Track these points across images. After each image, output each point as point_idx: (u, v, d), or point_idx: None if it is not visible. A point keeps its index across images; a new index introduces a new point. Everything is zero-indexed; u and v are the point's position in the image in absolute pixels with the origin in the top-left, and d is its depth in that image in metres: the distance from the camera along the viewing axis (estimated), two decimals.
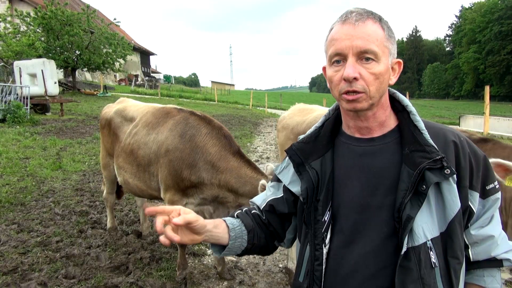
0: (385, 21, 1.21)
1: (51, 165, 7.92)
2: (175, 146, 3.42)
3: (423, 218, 1.14)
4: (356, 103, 1.18)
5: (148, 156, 3.62)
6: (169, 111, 3.77)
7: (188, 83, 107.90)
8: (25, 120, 12.86)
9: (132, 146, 3.78)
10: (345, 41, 1.16)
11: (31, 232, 4.61)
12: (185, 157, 3.37)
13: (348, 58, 1.16)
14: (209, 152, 3.34)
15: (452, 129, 1.29)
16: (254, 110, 28.62)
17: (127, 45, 27.91)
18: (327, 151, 1.32)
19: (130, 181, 3.90)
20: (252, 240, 1.38)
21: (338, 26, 1.19)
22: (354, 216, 1.23)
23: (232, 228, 1.35)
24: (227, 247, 1.33)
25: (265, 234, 1.42)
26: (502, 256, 1.23)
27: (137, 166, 3.75)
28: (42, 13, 22.63)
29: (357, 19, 1.16)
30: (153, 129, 3.68)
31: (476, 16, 73.93)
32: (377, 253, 1.18)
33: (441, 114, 36.51)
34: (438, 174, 1.13)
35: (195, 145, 3.38)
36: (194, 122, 3.52)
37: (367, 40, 1.14)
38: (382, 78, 1.18)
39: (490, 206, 1.23)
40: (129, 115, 4.13)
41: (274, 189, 1.46)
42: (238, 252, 1.38)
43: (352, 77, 1.14)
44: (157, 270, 3.87)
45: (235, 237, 1.34)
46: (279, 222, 1.43)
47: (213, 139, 3.41)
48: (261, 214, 1.44)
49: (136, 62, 54.38)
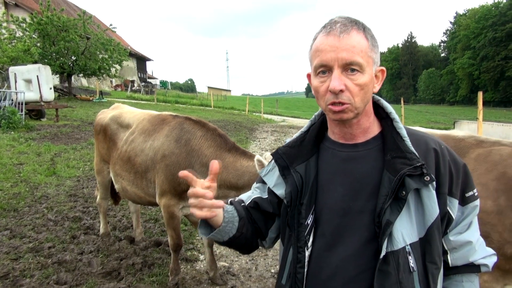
0: (368, 30, 1.22)
1: (45, 171, 7.90)
2: (171, 151, 3.45)
3: (402, 223, 1.17)
4: (342, 113, 1.20)
5: (145, 163, 3.64)
6: (165, 117, 3.80)
7: (185, 89, 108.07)
8: (19, 126, 12.81)
9: (129, 154, 3.80)
10: (330, 53, 1.17)
11: (23, 238, 4.60)
12: (181, 161, 3.40)
13: (334, 70, 1.17)
14: (205, 154, 3.38)
15: (434, 137, 1.32)
16: (250, 115, 28.65)
17: (123, 50, 27.96)
18: (312, 156, 1.35)
19: (128, 188, 3.91)
20: (242, 228, 1.35)
21: (323, 37, 1.20)
22: (336, 220, 1.25)
23: (226, 211, 1.33)
24: (218, 228, 1.29)
25: (251, 228, 1.41)
26: (479, 261, 1.26)
27: (135, 174, 3.76)
28: (38, 18, 22.64)
29: (341, 31, 1.17)
30: (149, 136, 3.70)
31: (471, 23, 74.57)
32: (357, 257, 1.21)
33: (436, 119, 36.67)
34: (417, 181, 1.16)
35: (191, 148, 3.42)
36: (188, 127, 3.56)
37: (352, 52, 1.16)
38: (367, 88, 1.20)
39: (469, 213, 1.26)
40: (125, 122, 4.15)
41: (259, 190, 1.48)
42: (225, 238, 1.33)
43: (338, 89, 1.16)
44: (149, 276, 3.86)
45: (228, 221, 1.31)
46: (263, 219, 1.43)
47: (208, 140, 3.45)
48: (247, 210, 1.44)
49: (132, 68, 54.40)
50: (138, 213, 4.83)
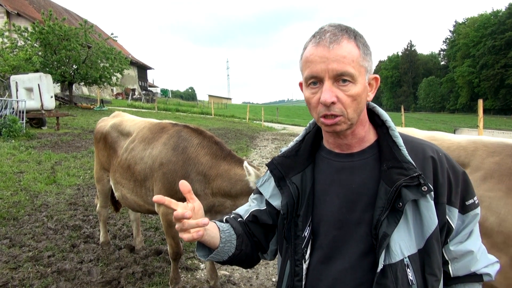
0: (360, 37, 1.18)
1: (45, 179, 7.89)
2: (169, 159, 3.45)
3: (400, 235, 1.14)
4: (335, 126, 1.17)
5: (144, 171, 3.64)
6: (164, 126, 3.81)
7: (185, 97, 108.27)
8: (20, 134, 12.82)
9: (129, 162, 3.80)
10: (320, 64, 1.13)
11: (23, 247, 4.57)
12: (178, 169, 3.39)
13: (325, 82, 1.13)
14: (201, 162, 3.36)
15: (432, 144, 1.28)
16: (251, 123, 28.69)
17: (124, 59, 28.10)
18: (308, 166, 1.32)
19: (128, 196, 3.90)
20: (241, 246, 1.34)
21: (313, 48, 1.16)
22: (333, 232, 1.23)
23: (223, 231, 1.31)
24: (216, 250, 1.27)
25: (250, 243, 1.39)
26: (482, 271, 1.23)
27: (134, 182, 3.76)
28: (40, 28, 22.79)
29: (331, 41, 1.13)
30: (149, 144, 3.71)
31: (470, 31, 75.04)
32: (354, 269, 1.18)
33: (437, 127, 36.71)
34: (415, 192, 1.13)
35: (188, 157, 3.41)
36: (186, 135, 3.55)
37: (343, 63, 1.11)
38: (360, 99, 1.16)
39: (470, 221, 1.22)
40: (125, 130, 4.15)
41: (257, 201, 1.45)
42: (225, 258, 1.31)
43: (329, 102, 1.12)
44: (149, 285, 3.83)
45: (225, 241, 1.30)
46: (262, 233, 1.41)
47: (204, 148, 3.44)
48: (245, 224, 1.41)
49: (133, 76, 54.63)
50: (138, 222, 4.80)
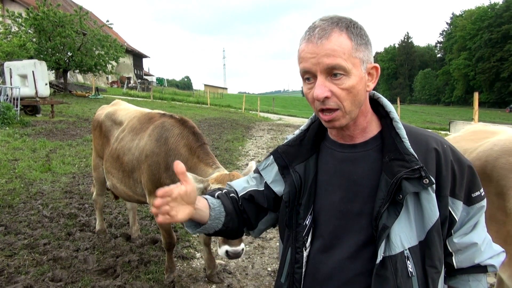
0: (353, 28, 1.16)
1: (40, 167, 7.85)
2: (152, 151, 3.45)
3: (401, 227, 1.14)
4: (334, 121, 1.17)
5: (132, 162, 3.65)
6: (152, 116, 3.80)
7: (181, 86, 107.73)
8: (14, 121, 12.72)
9: (118, 152, 3.80)
10: (311, 60, 1.13)
11: (18, 235, 4.56)
12: (161, 161, 3.39)
13: (317, 77, 1.14)
14: (180, 153, 3.35)
15: (437, 136, 1.27)
16: (247, 113, 28.64)
17: (120, 47, 27.78)
18: (311, 155, 1.33)
19: (118, 186, 3.92)
20: (228, 223, 1.36)
21: (304, 44, 1.16)
22: (334, 221, 1.24)
23: (213, 208, 1.33)
24: (203, 226, 1.31)
25: (238, 220, 1.41)
26: (486, 262, 1.22)
27: (123, 172, 3.77)
28: (34, 14, 22.43)
29: (320, 36, 1.12)
30: (136, 134, 3.71)
31: (467, 24, 74.98)
32: (354, 259, 1.19)
33: (432, 119, 36.87)
34: (416, 184, 1.12)
35: (169, 148, 3.40)
36: (169, 125, 3.53)
37: (333, 56, 1.11)
38: (356, 90, 1.15)
39: (475, 213, 1.22)
40: (118, 119, 4.15)
41: (256, 181, 1.46)
42: (211, 232, 1.35)
43: (322, 97, 1.13)
44: (145, 273, 3.85)
45: (214, 218, 1.32)
46: (254, 212, 1.42)
47: (183, 139, 3.42)
48: (237, 200, 1.43)
49: (129, 65, 54.14)
50: (134, 211, 4.81)
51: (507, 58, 64.96)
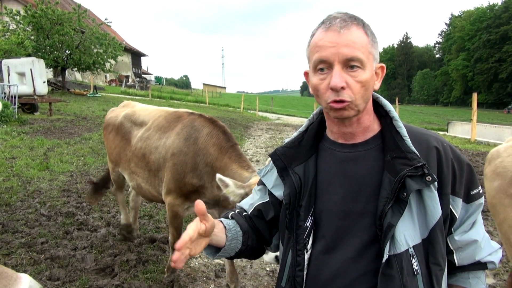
0: (368, 26, 1.19)
1: (38, 165, 7.82)
2: (180, 150, 3.34)
3: (405, 225, 1.14)
4: (343, 111, 1.16)
5: (158, 161, 3.54)
6: (180, 115, 3.68)
7: (180, 85, 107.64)
8: (12, 119, 12.68)
9: (144, 151, 3.69)
10: (330, 49, 1.13)
11: (16, 233, 4.54)
12: (188, 160, 3.28)
13: (334, 67, 1.13)
14: (209, 153, 3.25)
15: (436, 135, 1.28)
16: (245, 113, 28.63)
17: (118, 45, 27.73)
18: (311, 156, 1.32)
19: (143, 185, 3.81)
20: (247, 241, 1.35)
21: (322, 33, 1.16)
22: (337, 222, 1.23)
23: (229, 229, 1.32)
24: (222, 249, 1.29)
25: (256, 237, 1.41)
26: (486, 259, 1.24)
27: (149, 171, 3.67)
28: (32, 11, 22.38)
29: (342, 26, 1.13)
30: (164, 133, 3.59)
31: (466, 24, 75.10)
32: (358, 259, 1.19)
33: (430, 120, 36.94)
34: (419, 182, 1.12)
35: (198, 147, 3.29)
36: (199, 125, 3.43)
37: (353, 48, 1.12)
38: (368, 85, 1.16)
39: (474, 211, 1.23)
40: (139, 119, 4.01)
41: (261, 193, 1.45)
42: (232, 254, 1.34)
43: (339, 86, 1.12)
44: (143, 273, 3.84)
45: (232, 239, 1.31)
46: (266, 227, 1.42)
47: (213, 138, 3.31)
48: (250, 218, 1.43)
49: (127, 63, 54.08)
50: (136, 210, 4.77)
51: (506, 59, 65.14)
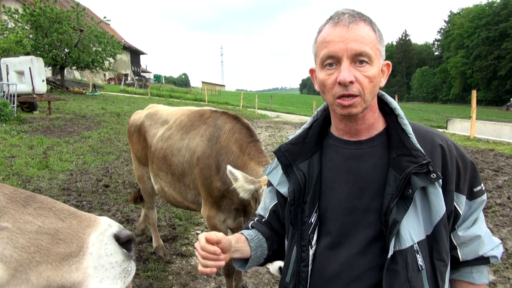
0: (374, 23, 1.20)
1: (37, 164, 7.82)
2: (204, 152, 3.15)
3: (409, 222, 1.15)
4: (352, 108, 1.17)
5: (182, 165, 3.35)
6: (203, 112, 3.50)
7: (179, 83, 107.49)
8: (11, 118, 12.64)
9: (165, 152, 3.50)
10: (339, 44, 1.14)
11: None
12: (212, 162, 3.08)
13: (343, 62, 1.14)
14: (232, 151, 3.04)
15: (440, 133, 1.30)
16: (244, 111, 28.60)
17: (117, 43, 27.66)
18: (315, 153, 1.33)
19: (166, 189, 3.63)
20: (272, 246, 1.41)
21: (330, 28, 1.17)
22: (342, 218, 1.24)
23: (251, 239, 1.37)
24: (250, 259, 1.35)
25: (279, 239, 1.45)
26: (489, 253, 1.26)
27: (172, 175, 3.47)
28: (31, 10, 22.29)
29: (350, 21, 1.15)
30: (186, 133, 3.41)
31: (464, 22, 75.10)
32: (363, 255, 1.20)
33: (429, 117, 36.95)
34: (424, 179, 1.14)
35: (220, 146, 3.10)
36: (221, 122, 3.25)
37: (361, 43, 1.13)
38: (376, 81, 1.18)
39: (477, 207, 1.26)
40: (161, 118, 3.88)
41: (271, 193, 1.48)
42: (261, 261, 1.40)
43: (348, 81, 1.13)
44: (144, 271, 3.85)
45: (256, 247, 1.36)
46: (283, 229, 1.45)
47: (235, 134, 3.12)
48: (268, 223, 1.47)
49: (126, 61, 53.95)
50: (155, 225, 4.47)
51: (505, 56, 65.14)
